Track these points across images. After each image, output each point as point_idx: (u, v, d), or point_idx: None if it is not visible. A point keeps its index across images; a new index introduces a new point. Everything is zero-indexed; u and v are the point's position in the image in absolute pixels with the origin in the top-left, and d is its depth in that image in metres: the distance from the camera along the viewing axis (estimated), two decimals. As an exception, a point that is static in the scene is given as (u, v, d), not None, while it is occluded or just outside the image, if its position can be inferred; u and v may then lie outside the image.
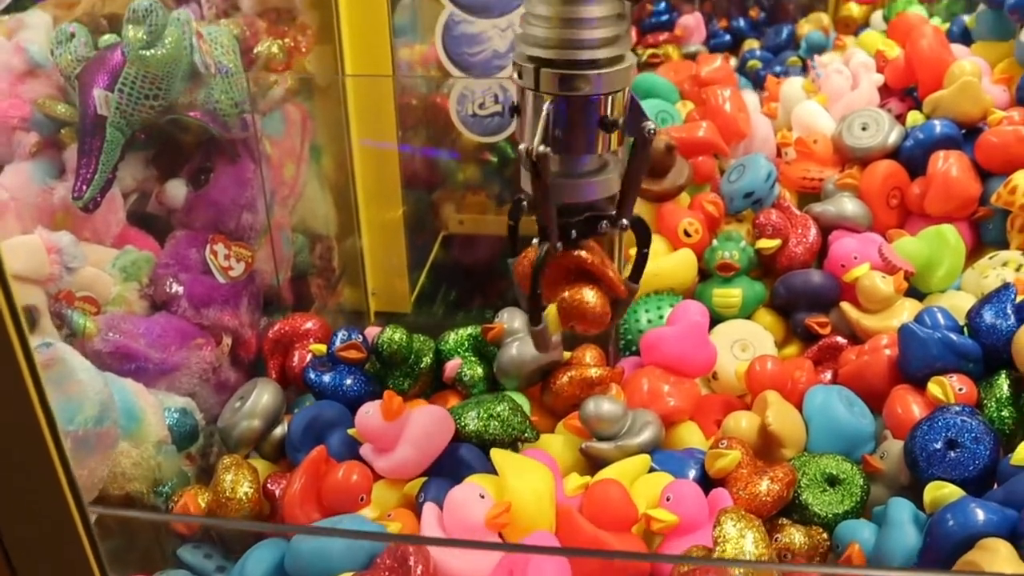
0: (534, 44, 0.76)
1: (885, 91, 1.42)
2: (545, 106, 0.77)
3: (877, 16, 1.93)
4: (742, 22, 2.13)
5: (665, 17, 2.10)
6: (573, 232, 0.85)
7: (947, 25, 1.54)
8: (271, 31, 1.41)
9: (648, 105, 1.37)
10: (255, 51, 1.35)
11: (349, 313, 1.54)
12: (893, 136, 1.30)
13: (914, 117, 1.33)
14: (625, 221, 0.85)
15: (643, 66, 1.72)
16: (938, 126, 1.29)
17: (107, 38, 1.23)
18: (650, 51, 1.74)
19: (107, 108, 1.13)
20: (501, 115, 1.45)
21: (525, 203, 0.88)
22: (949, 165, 1.25)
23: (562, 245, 0.84)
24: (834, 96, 1.39)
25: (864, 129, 1.32)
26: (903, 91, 1.41)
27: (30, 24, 1.44)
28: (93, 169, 1.13)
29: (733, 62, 2.04)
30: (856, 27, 2.03)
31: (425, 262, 1.71)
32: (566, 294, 0.88)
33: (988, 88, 1.32)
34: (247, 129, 1.24)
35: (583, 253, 0.87)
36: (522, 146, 0.76)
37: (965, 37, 1.47)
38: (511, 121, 1.45)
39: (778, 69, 1.86)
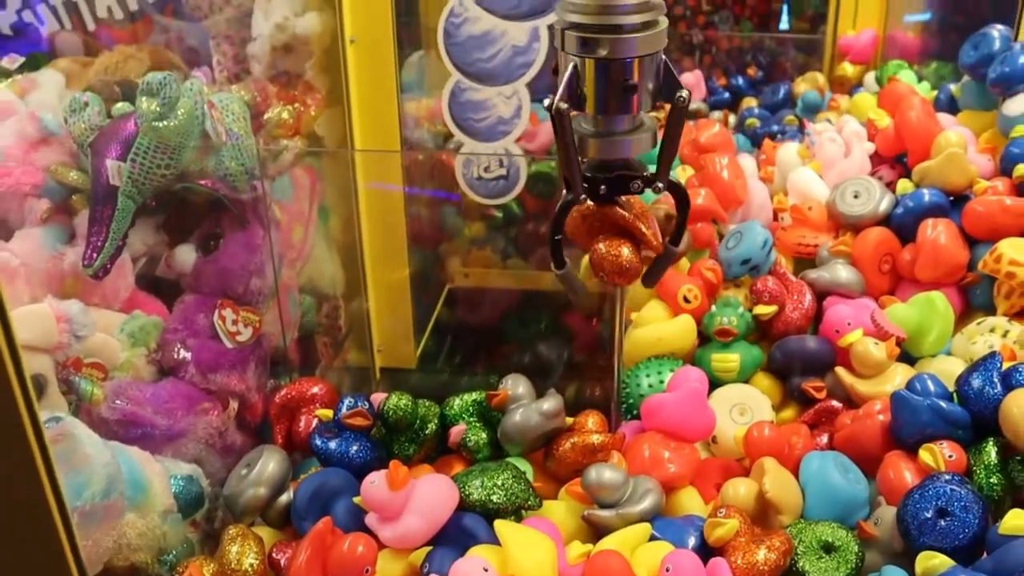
0: (563, 8, 0.83)
1: (876, 158, 1.46)
2: (569, 66, 0.84)
3: (870, 77, 1.98)
4: (740, 80, 2.19)
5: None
6: (602, 188, 0.91)
7: (935, 93, 1.58)
8: (281, 95, 1.45)
9: (647, 172, 1.40)
10: (265, 116, 1.38)
11: (354, 370, 1.56)
12: (884, 204, 1.34)
13: (904, 185, 1.37)
14: (660, 184, 0.92)
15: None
16: (927, 195, 1.33)
17: (120, 106, 1.26)
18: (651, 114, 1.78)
19: (119, 178, 1.16)
20: (506, 178, 1.48)
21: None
22: (938, 233, 1.28)
23: (588, 198, 0.91)
24: (828, 163, 1.43)
25: (856, 197, 1.35)
26: (893, 159, 1.45)
27: (43, 83, 1.48)
28: (104, 237, 1.15)
29: (732, 119, 2.09)
30: (850, 86, 2.08)
31: (430, 316, 1.73)
32: (600, 245, 0.94)
33: (973, 158, 1.36)
34: (257, 195, 1.27)
35: (620, 210, 0.93)
36: (547, 101, 0.83)
37: (952, 106, 1.51)
38: (515, 184, 1.49)
39: (775, 128, 1.90)
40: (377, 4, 1.40)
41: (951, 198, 1.35)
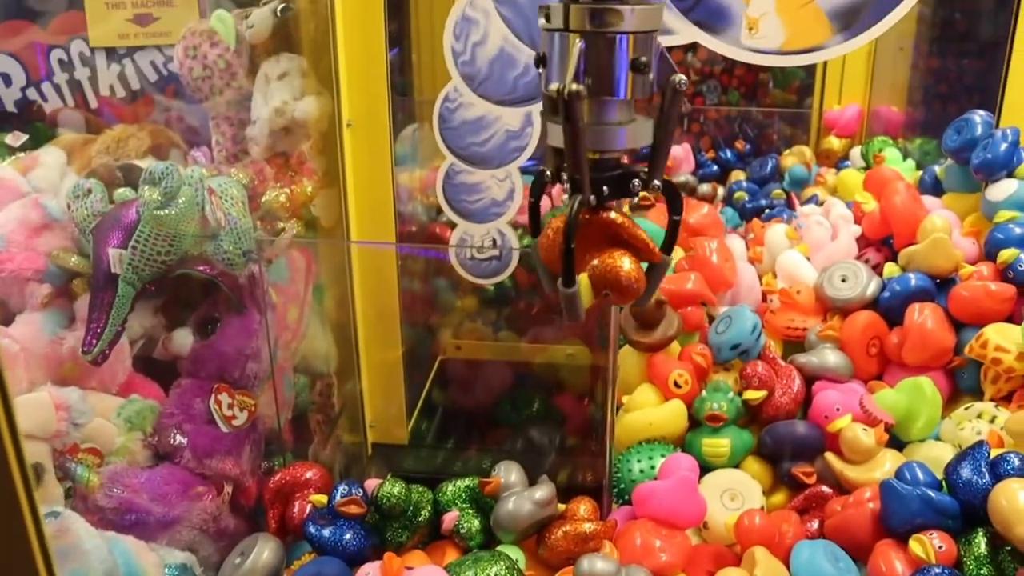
0: None
1: (863, 241, 1.49)
2: (577, 43, 0.77)
3: (856, 152, 2.03)
4: (729, 153, 2.23)
5: (653, 148, 2.19)
6: (605, 189, 0.83)
7: (919, 173, 1.61)
8: (278, 176, 1.47)
9: (638, 254, 1.43)
10: (263, 199, 1.40)
11: (346, 445, 1.57)
12: (871, 288, 1.36)
13: (890, 269, 1.39)
14: (657, 182, 0.84)
15: (634, 208, 1.78)
16: (913, 279, 1.35)
17: (122, 192, 1.28)
18: (641, 194, 1.81)
19: (120, 266, 1.18)
20: (499, 259, 1.50)
21: (548, 173, 0.86)
22: (925, 317, 1.30)
23: (595, 199, 0.83)
24: (815, 246, 1.46)
25: (844, 281, 1.38)
26: (880, 241, 1.48)
27: (45, 162, 1.50)
28: (103, 324, 1.17)
29: (720, 191, 2.13)
30: (836, 160, 2.12)
31: (422, 389, 1.74)
32: (598, 260, 0.85)
33: (958, 241, 1.39)
34: (254, 279, 1.29)
35: (614, 215, 0.85)
36: (553, 85, 0.76)
37: (936, 187, 1.54)
38: (508, 264, 1.51)
39: (763, 202, 1.93)
40: (374, 89, 1.43)
41: (937, 281, 1.37)
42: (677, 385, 1.27)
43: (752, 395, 1.27)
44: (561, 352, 1.71)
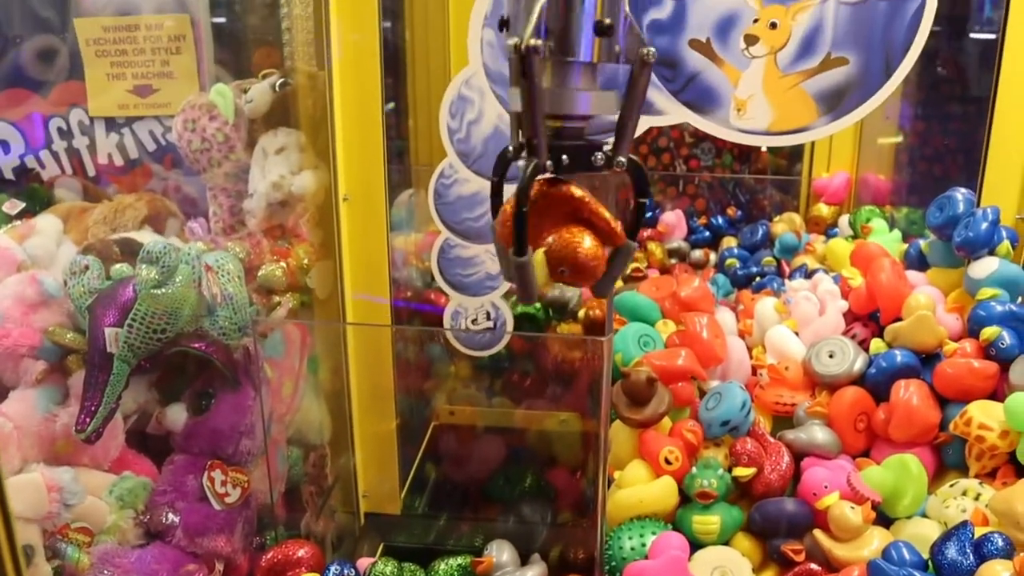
0: None
1: (850, 315, 1.51)
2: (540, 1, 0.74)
3: (844, 220, 2.06)
4: (720, 219, 2.26)
5: (648, 214, 2.23)
6: (565, 158, 0.79)
7: (905, 247, 1.64)
8: (275, 249, 1.49)
9: (631, 329, 1.45)
10: (260, 273, 1.42)
11: (339, 515, 1.57)
12: (858, 364, 1.39)
13: (877, 345, 1.42)
14: (622, 159, 0.80)
15: (627, 279, 1.81)
16: (899, 355, 1.37)
17: (118, 268, 1.30)
18: (633, 266, 1.84)
19: (116, 345, 1.19)
20: (493, 331, 1.52)
21: (511, 149, 0.83)
22: (910, 394, 1.32)
23: (552, 167, 0.79)
24: (803, 321, 1.48)
25: (831, 357, 1.40)
26: (867, 316, 1.50)
27: (41, 230, 1.51)
28: (98, 402, 1.18)
29: (712, 257, 2.16)
30: (825, 226, 2.16)
31: (415, 455, 1.75)
32: (556, 236, 0.81)
33: (942, 317, 1.41)
34: (249, 355, 1.30)
35: (576, 190, 0.81)
36: (511, 41, 0.73)
37: (921, 261, 1.57)
38: (502, 336, 1.53)
39: (754, 269, 1.96)
40: (370, 164, 1.45)
41: (922, 357, 1.39)
42: (668, 462, 1.28)
43: (741, 472, 1.28)
44: (554, 419, 1.72)
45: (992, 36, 2.04)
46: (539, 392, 1.77)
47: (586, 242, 0.81)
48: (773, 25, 1.39)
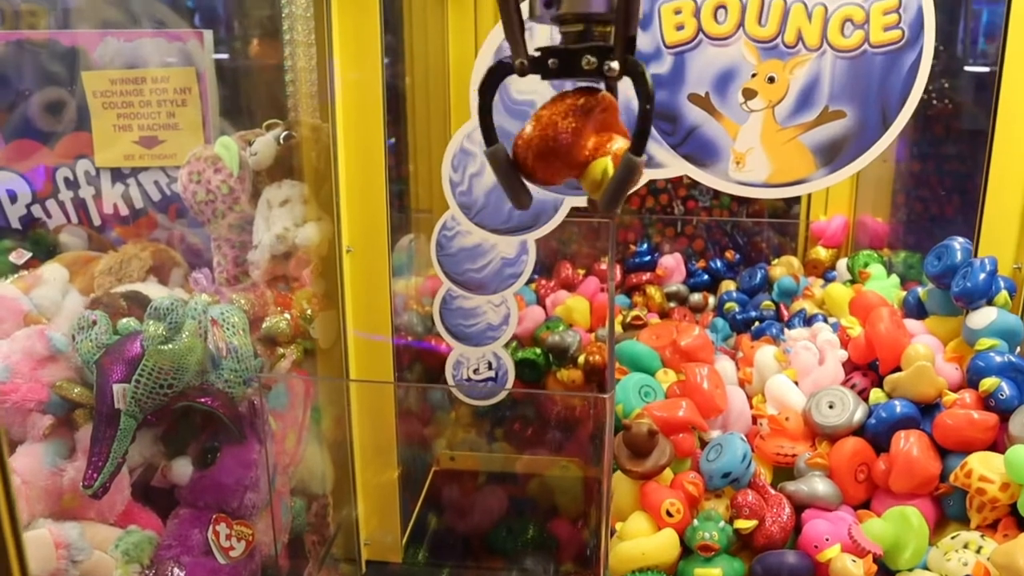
0: None
1: (849, 365, 1.52)
2: None
3: (842, 264, 2.08)
4: (719, 263, 2.28)
5: (648, 258, 2.25)
6: (551, 61, 0.76)
7: (903, 294, 1.65)
8: (278, 300, 1.51)
9: (632, 379, 1.46)
10: (264, 325, 1.43)
11: (341, 563, 1.57)
12: (858, 414, 1.40)
13: (876, 395, 1.43)
14: (614, 65, 0.74)
15: (627, 327, 1.83)
16: (898, 406, 1.39)
17: (125, 323, 1.31)
18: (633, 313, 1.86)
19: (124, 401, 1.20)
20: (494, 380, 1.53)
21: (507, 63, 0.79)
22: (910, 446, 1.33)
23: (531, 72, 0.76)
24: (803, 371, 1.49)
25: (831, 407, 1.41)
26: (866, 366, 1.51)
27: (47, 279, 1.53)
28: (105, 457, 1.19)
29: (711, 301, 2.17)
30: (823, 269, 2.17)
31: (417, 500, 1.75)
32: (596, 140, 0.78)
33: (941, 367, 1.42)
34: (254, 408, 1.31)
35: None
36: None
37: (920, 309, 1.58)
38: (504, 386, 1.55)
39: (753, 314, 1.97)
40: (373, 215, 1.47)
41: (922, 407, 1.40)
42: (669, 514, 1.29)
43: (743, 524, 1.28)
44: (555, 464, 1.73)
45: (987, 69, 2.06)
46: (540, 439, 1.78)
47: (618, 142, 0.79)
48: (771, 79, 1.42)
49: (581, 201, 1.43)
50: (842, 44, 1.39)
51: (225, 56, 1.67)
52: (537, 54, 0.78)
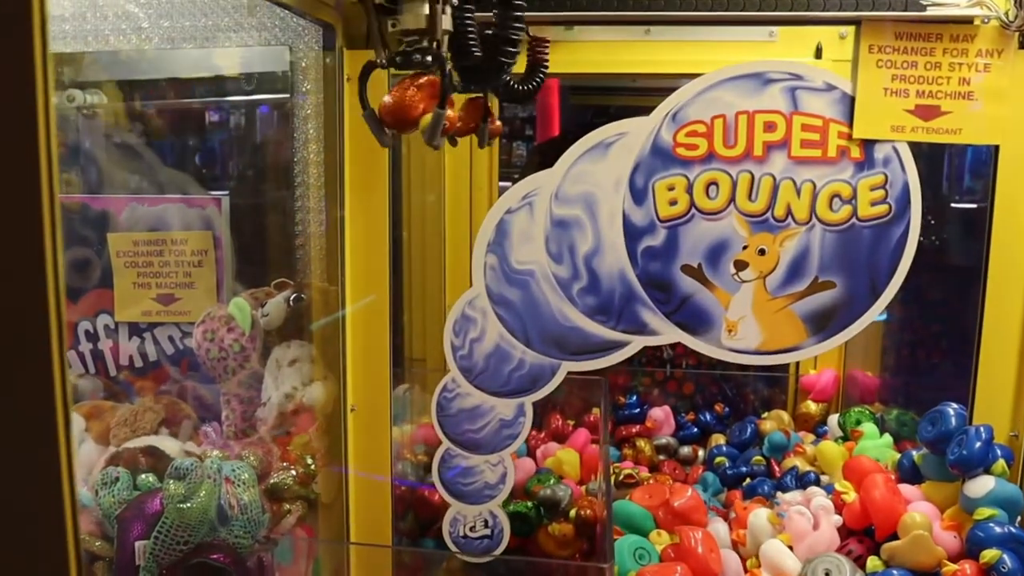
0: None
1: (844, 530, 1.53)
2: None
3: (833, 419, 2.11)
4: (708, 416, 2.32)
5: (637, 410, 2.29)
6: (398, 59, 1.28)
7: (897, 456, 1.67)
8: (284, 455, 1.55)
9: (627, 542, 1.48)
10: (272, 481, 1.47)
11: None
12: (854, 583, 1.41)
13: (873, 563, 1.43)
14: (429, 58, 1.38)
15: (619, 485, 1.85)
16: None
17: (144, 479, 1.36)
18: (626, 472, 1.88)
19: (143, 557, 1.23)
20: (490, 538, 1.56)
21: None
22: (911, 619, 1.34)
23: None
24: (798, 536, 1.50)
25: (827, 575, 1.42)
26: (862, 531, 1.52)
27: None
28: (117, 620, 1.21)
29: (701, 453, 2.20)
30: (814, 423, 2.21)
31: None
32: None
33: (939, 535, 1.42)
34: (262, 564, 1.34)
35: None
36: None
37: (915, 472, 1.59)
38: (499, 543, 1.57)
39: (744, 469, 2.00)
40: (376, 376, 1.53)
41: (919, 576, 1.41)
42: None
43: None
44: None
45: (974, 206, 2.07)
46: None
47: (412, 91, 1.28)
48: (762, 252, 1.49)
49: (578, 366, 1.49)
50: (831, 218, 1.46)
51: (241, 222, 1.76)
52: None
